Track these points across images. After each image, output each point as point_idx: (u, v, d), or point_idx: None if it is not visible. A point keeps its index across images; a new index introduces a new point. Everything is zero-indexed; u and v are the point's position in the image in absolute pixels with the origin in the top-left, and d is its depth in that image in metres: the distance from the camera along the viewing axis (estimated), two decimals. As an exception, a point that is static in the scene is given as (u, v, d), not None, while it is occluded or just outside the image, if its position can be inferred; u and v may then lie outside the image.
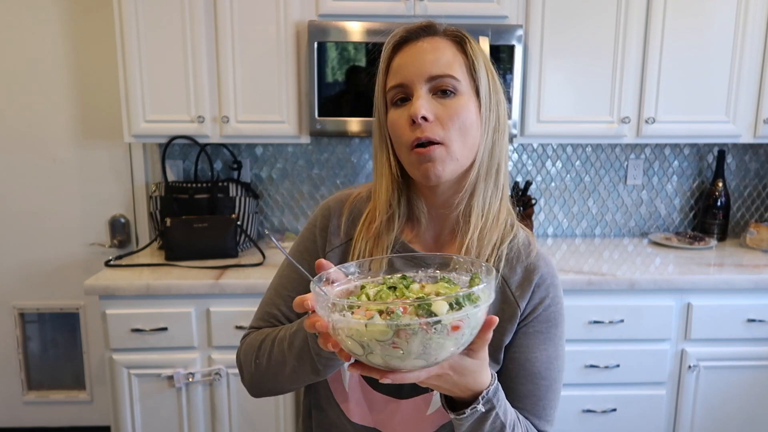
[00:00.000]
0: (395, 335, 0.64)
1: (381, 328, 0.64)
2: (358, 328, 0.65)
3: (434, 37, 0.89)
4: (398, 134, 0.88)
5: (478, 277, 0.76)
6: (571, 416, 2.13)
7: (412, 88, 0.87)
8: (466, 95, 0.87)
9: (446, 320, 0.65)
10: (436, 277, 0.81)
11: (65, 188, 2.54)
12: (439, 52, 0.87)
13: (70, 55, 2.44)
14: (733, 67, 2.23)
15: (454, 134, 0.86)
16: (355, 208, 0.99)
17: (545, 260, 0.96)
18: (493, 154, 0.91)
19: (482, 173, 0.91)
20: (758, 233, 2.45)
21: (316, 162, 2.59)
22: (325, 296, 0.70)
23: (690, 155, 2.65)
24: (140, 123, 2.20)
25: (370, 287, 0.77)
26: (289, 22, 2.15)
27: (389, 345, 0.65)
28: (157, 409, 2.09)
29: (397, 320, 0.64)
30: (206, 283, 2.00)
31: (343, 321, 0.66)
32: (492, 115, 0.90)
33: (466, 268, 0.79)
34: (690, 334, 2.10)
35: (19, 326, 2.63)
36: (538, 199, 2.66)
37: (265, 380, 0.93)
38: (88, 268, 2.55)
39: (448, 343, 0.67)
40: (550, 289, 0.95)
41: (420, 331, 0.64)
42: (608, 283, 2.05)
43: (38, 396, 2.69)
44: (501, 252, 0.93)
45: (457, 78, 0.87)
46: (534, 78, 2.23)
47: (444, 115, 0.85)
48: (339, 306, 0.67)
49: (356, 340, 0.66)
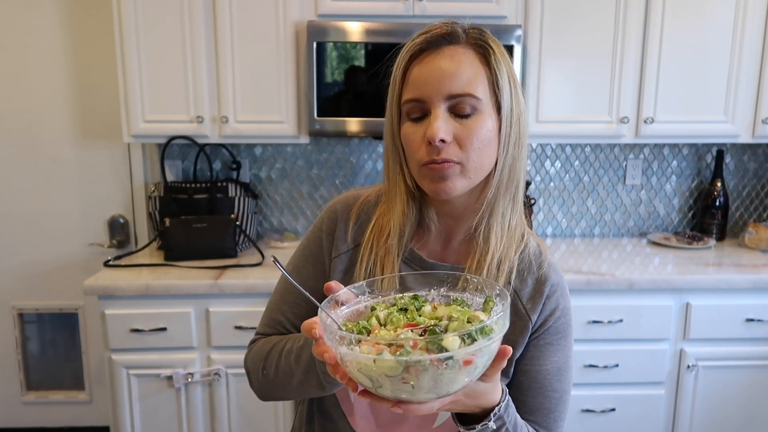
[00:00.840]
0: (405, 371, 0.62)
1: (390, 364, 0.62)
2: (367, 362, 0.63)
3: (456, 47, 0.85)
4: (412, 149, 0.85)
5: (492, 301, 0.74)
6: (571, 416, 2.13)
7: (429, 106, 0.83)
8: (485, 113, 0.84)
9: (458, 356, 0.63)
10: (448, 297, 0.79)
11: (64, 188, 2.54)
12: (460, 68, 0.83)
13: (69, 55, 2.44)
14: (732, 67, 2.24)
15: (471, 154, 0.83)
16: (363, 212, 0.97)
17: (555, 270, 0.94)
18: (513, 169, 0.88)
19: (501, 190, 0.88)
20: (757, 233, 2.46)
21: (315, 162, 2.59)
22: (332, 327, 0.68)
23: (689, 155, 2.66)
24: (139, 123, 2.20)
25: (381, 308, 0.75)
26: (289, 22, 2.15)
27: (399, 380, 0.63)
28: (156, 409, 2.09)
29: (406, 356, 0.62)
30: (205, 284, 2.00)
31: (351, 355, 0.64)
32: (513, 130, 0.86)
33: (480, 289, 0.78)
34: (689, 334, 2.11)
35: (18, 326, 2.63)
36: (537, 199, 2.66)
37: (273, 389, 0.93)
38: (87, 268, 2.55)
39: (461, 377, 0.65)
40: (560, 300, 0.93)
41: (431, 367, 0.62)
42: (607, 282, 2.06)
43: (37, 396, 2.69)
44: (512, 263, 0.91)
45: (477, 97, 0.83)
46: (533, 78, 2.23)
47: (462, 135, 0.82)
48: (347, 339, 0.65)
49: (365, 374, 0.64)
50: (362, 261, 0.92)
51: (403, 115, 0.87)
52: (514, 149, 0.87)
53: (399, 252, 0.92)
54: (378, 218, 0.95)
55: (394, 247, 0.91)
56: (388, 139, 0.91)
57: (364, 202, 0.98)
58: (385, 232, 0.92)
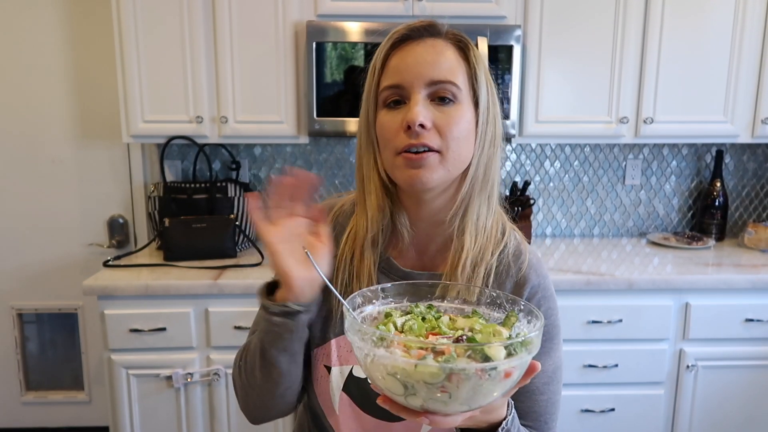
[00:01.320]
0: (446, 378, 0.60)
1: (433, 370, 0.59)
2: (406, 367, 0.60)
3: (437, 39, 0.85)
4: (387, 137, 0.83)
5: (514, 316, 0.73)
6: (570, 416, 2.13)
7: (409, 91, 0.82)
8: (464, 104, 0.83)
9: (501, 367, 0.61)
10: (462, 309, 0.78)
11: (64, 188, 2.54)
12: (441, 56, 0.83)
13: (68, 55, 2.44)
14: (731, 67, 2.24)
15: (451, 143, 0.82)
16: (337, 224, 0.95)
17: (536, 270, 0.92)
18: (488, 168, 0.87)
19: (476, 188, 0.87)
20: (756, 233, 2.46)
21: (314, 162, 2.59)
22: (369, 329, 0.65)
23: (688, 155, 2.66)
24: (139, 123, 2.20)
25: (397, 315, 0.74)
26: (288, 22, 2.15)
27: (437, 388, 0.61)
28: (155, 409, 2.09)
29: (452, 363, 0.60)
30: (205, 284, 2.00)
31: (389, 358, 0.61)
32: (489, 128, 0.86)
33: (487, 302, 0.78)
34: (688, 334, 2.11)
35: (18, 327, 2.63)
36: (537, 199, 2.66)
37: (249, 386, 0.90)
38: (86, 268, 2.55)
39: (497, 390, 0.64)
40: (542, 302, 0.90)
41: (473, 377, 0.60)
42: (606, 283, 2.06)
43: (37, 396, 2.69)
44: (490, 266, 0.89)
45: (458, 85, 0.82)
46: (532, 78, 2.23)
47: (442, 123, 0.81)
48: (387, 341, 0.63)
49: (400, 380, 0.61)
50: (338, 271, 0.91)
51: (380, 104, 0.85)
52: (490, 148, 0.87)
53: (375, 261, 0.90)
54: (352, 224, 0.93)
55: (369, 254, 0.89)
56: (362, 132, 0.88)
57: (338, 212, 0.97)
58: (360, 236, 0.90)
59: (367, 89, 0.87)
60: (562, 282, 2.04)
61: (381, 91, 0.85)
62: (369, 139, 0.87)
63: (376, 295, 0.78)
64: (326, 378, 0.91)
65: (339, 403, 0.91)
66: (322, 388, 0.92)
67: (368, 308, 0.77)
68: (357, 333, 0.66)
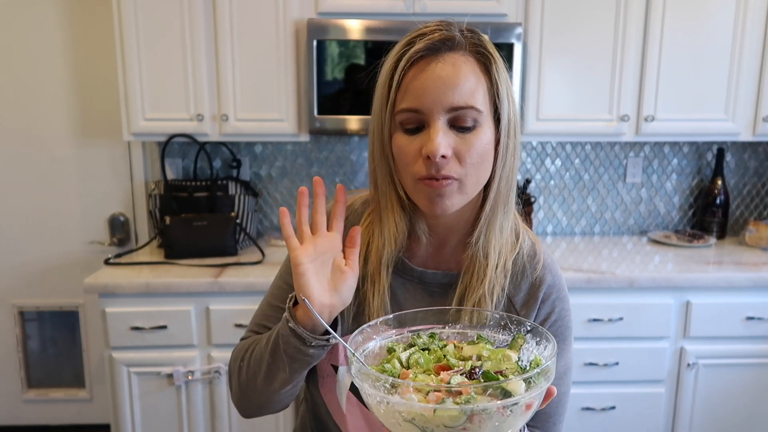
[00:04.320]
0: (468, 420, 0.58)
1: (453, 413, 0.58)
2: (425, 413, 0.58)
3: (456, 54, 0.80)
4: (406, 162, 0.81)
5: (522, 338, 0.72)
6: (571, 414, 2.14)
7: (428, 118, 0.78)
8: (485, 126, 0.80)
9: (523, 401, 0.60)
10: (465, 334, 0.76)
11: (64, 186, 2.54)
12: (462, 78, 0.78)
13: (69, 53, 2.44)
14: (732, 65, 2.23)
15: (470, 170, 0.79)
16: (348, 223, 0.94)
17: (551, 271, 0.91)
18: (509, 179, 0.85)
19: (499, 203, 0.86)
20: (757, 231, 2.45)
21: (315, 160, 2.59)
22: (381, 376, 0.63)
23: (689, 153, 2.65)
24: (139, 121, 2.20)
25: (400, 349, 0.72)
26: (289, 20, 2.15)
27: (458, 430, 0.59)
28: (156, 407, 2.09)
29: (473, 404, 0.58)
30: (206, 282, 2.00)
31: (405, 405, 0.59)
32: (511, 141, 0.83)
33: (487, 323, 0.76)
34: (689, 332, 2.11)
35: (19, 324, 2.63)
36: (538, 197, 2.66)
37: (248, 386, 0.90)
38: (87, 266, 2.55)
39: (519, 422, 0.62)
40: (557, 303, 0.91)
41: (495, 414, 0.59)
42: (607, 281, 2.06)
43: (38, 394, 2.69)
44: (506, 269, 0.88)
45: (478, 109, 0.79)
46: (533, 76, 2.23)
47: (462, 150, 0.78)
48: (402, 388, 0.60)
49: (418, 425, 0.59)
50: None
51: (396, 125, 0.82)
52: (512, 160, 0.85)
53: (390, 263, 0.89)
54: (366, 229, 0.92)
55: (384, 259, 0.88)
56: (377, 147, 0.85)
57: (347, 212, 0.95)
58: (374, 245, 0.89)
59: (381, 103, 0.83)
60: (562, 280, 2.04)
61: (397, 113, 0.81)
62: (384, 156, 0.85)
63: (376, 331, 0.76)
64: (332, 377, 0.91)
65: (346, 402, 0.90)
66: (328, 386, 0.92)
67: (370, 345, 0.75)
68: (367, 379, 0.63)
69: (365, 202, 0.96)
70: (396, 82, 0.80)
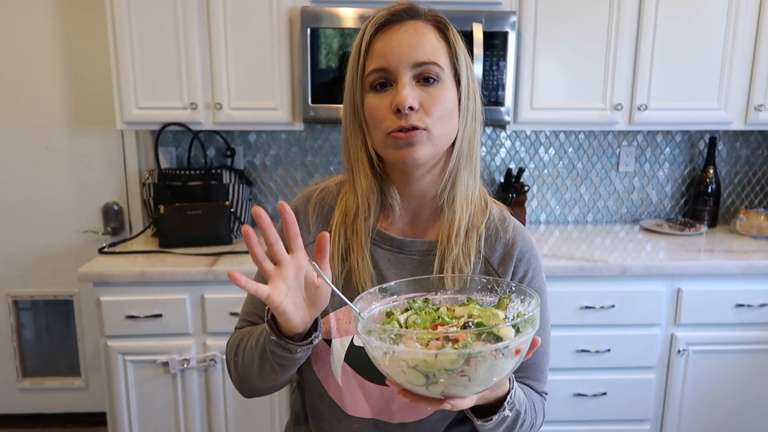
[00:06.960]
0: (465, 363, 0.65)
1: (452, 357, 0.64)
2: (427, 358, 0.65)
3: (417, 21, 0.88)
4: (377, 119, 0.87)
5: (507, 298, 0.79)
6: (562, 400, 2.16)
7: (395, 74, 0.85)
8: (447, 83, 0.87)
9: (512, 345, 0.67)
10: (456, 299, 0.83)
11: (58, 176, 2.53)
12: (423, 38, 0.86)
13: (61, 41, 2.42)
14: (725, 55, 2.24)
15: (437, 121, 0.86)
16: (324, 203, 0.99)
17: (521, 233, 0.98)
18: (472, 141, 0.92)
19: (462, 161, 0.92)
20: (748, 219, 2.48)
21: (309, 149, 2.59)
22: (385, 327, 0.70)
23: (681, 142, 2.67)
24: (133, 110, 2.19)
25: (398, 312, 0.78)
26: (282, 8, 2.14)
27: (457, 374, 0.66)
28: (152, 395, 2.10)
29: (469, 348, 0.65)
30: (200, 270, 2.00)
31: (409, 352, 0.66)
32: (471, 103, 0.90)
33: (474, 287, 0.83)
34: (680, 319, 2.13)
35: (13, 314, 2.64)
36: (531, 185, 2.67)
37: (246, 378, 0.94)
38: (81, 255, 2.55)
39: (509, 366, 0.70)
40: (531, 261, 0.97)
41: (489, 357, 0.66)
42: (600, 269, 2.07)
43: (33, 383, 2.70)
44: (480, 232, 0.95)
45: (441, 66, 0.86)
46: (527, 65, 2.23)
47: (428, 103, 0.85)
48: (406, 337, 0.68)
49: (421, 371, 0.66)
50: (333, 244, 0.94)
51: (366, 87, 0.89)
52: (473, 123, 0.91)
53: (367, 233, 0.94)
54: (342, 201, 0.97)
55: (362, 226, 0.93)
56: (349, 114, 0.92)
57: (321, 193, 1.00)
58: (351, 212, 0.94)
59: (352, 72, 0.90)
60: (555, 268, 2.05)
61: (367, 75, 0.88)
62: (356, 121, 0.91)
63: (375, 297, 0.82)
64: (327, 351, 0.94)
65: (342, 374, 0.93)
66: (323, 361, 0.95)
67: (367, 310, 0.80)
68: (373, 333, 0.70)
69: (340, 182, 1.01)
70: (363, 49, 0.88)
